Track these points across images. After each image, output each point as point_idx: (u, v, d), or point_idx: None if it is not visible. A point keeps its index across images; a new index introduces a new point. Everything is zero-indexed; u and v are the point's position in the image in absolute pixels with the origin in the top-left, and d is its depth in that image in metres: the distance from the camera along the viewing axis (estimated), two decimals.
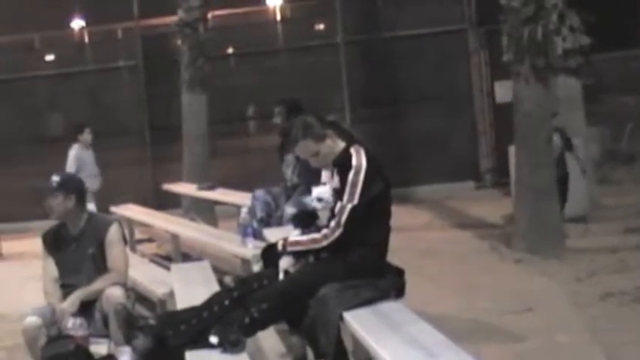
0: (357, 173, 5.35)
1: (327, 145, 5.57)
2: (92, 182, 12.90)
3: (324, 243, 5.40)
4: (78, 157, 13.22)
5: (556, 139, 11.53)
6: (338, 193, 5.43)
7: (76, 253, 6.58)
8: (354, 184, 5.34)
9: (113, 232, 6.61)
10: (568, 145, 11.88)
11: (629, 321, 7.59)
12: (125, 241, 6.81)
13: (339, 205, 5.39)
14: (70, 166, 13.08)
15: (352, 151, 5.46)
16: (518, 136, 11.08)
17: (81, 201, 6.63)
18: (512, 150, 11.90)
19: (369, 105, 17.10)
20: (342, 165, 5.46)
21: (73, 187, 6.62)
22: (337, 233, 5.35)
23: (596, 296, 8.41)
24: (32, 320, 6.33)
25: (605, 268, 9.51)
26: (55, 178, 6.58)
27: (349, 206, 5.33)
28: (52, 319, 6.29)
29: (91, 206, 12.38)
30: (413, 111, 17.27)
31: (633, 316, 7.74)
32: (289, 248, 5.52)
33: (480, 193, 16.37)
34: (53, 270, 6.63)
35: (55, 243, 6.67)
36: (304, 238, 5.55)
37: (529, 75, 10.65)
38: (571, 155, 11.85)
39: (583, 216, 12.13)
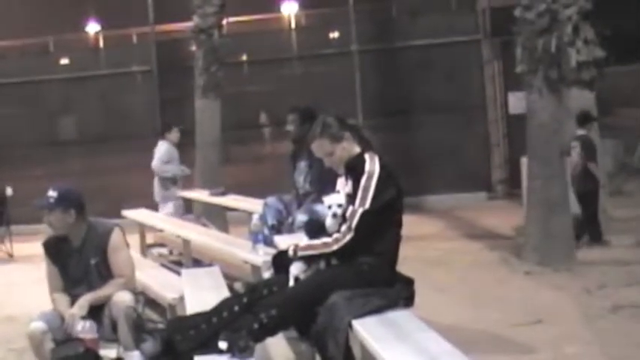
0: (369, 178, 5.36)
1: (342, 147, 5.58)
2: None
3: (335, 247, 5.40)
4: (169, 152, 13.41)
5: (576, 150, 11.51)
6: (351, 198, 5.44)
7: (79, 264, 6.55)
8: (365, 189, 5.35)
9: (115, 239, 6.58)
10: (589, 155, 11.71)
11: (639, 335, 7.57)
12: (127, 245, 6.79)
13: (350, 209, 5.40)
14: (161, 159, 13.34)
15: (366, 156, 5.47)
16: (531, 148, 11.07)
17: (81, 213, 6.55)
18: (524, 161, 11.89)
19: (382, 114, 17.09)
20: (355, 169, 5.47)
21: (72, 201, 6.53)
22: (348, 237, 5.35)
23: (607, 309, 8.40)
24: (37, 325, 6.34)
25: (616, 281, 9.49)
26: (53, 194, 6.49)
27: (360, 210, 5.34)
28: (58, 325, 6.30)
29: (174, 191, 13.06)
30: (426, 120, 17.27)
31: None
32: (300, 253, 5.52)
33: (492, 203, 16.36)
34: (58, 278, 6.62)
35: (57, 254, 6.63)
36: (316, 242, 5.55)
37: (542, 86, 10.65)
38: (591, 167, 11.71)
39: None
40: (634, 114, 18.15)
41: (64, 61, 19.04)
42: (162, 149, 13.59)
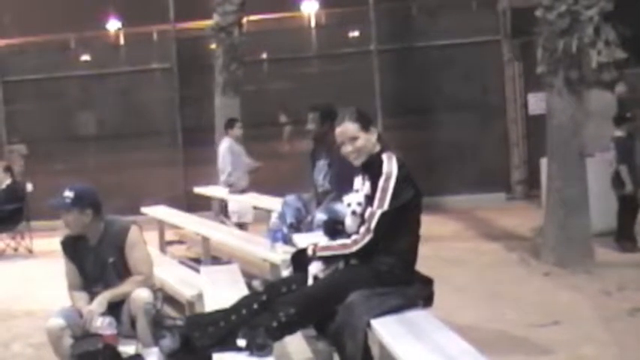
0: (387, 179, 5.36)
1: (367, 138, 5.55)
2: (239, 178, 13.09)
3: (354, 248, 5.40)
4: (231, 150, 13.20)
5: (612, 152, 11.50)
6: (369, 199, 5.44)
7: (97, 263, 6.57)
8: (384, 190, 5.35)
9: (132, 236, 6.59)
10: (621, 157, 11.65)
11: None
12: (145, 242, 6.81)
13: (369, 210, 5.40)
14: (223, 158, 13.13)
15: (384, 157, 5.46)
16: (551, 149, 11.05)
17: (97, 212, 6.56)
18: (544, 162, 11.88)
19: (402, 113, 17.09)
20: (372, 170, 5.47)
21: (88, 200, 6.52)
22: (367, 239, 5.36)
23: (624, 311, 8.39)
24: (56, 321, 6.35)
25: (634, 283, 9.47)
26: (69, 194, 6.48)
27: (379, 212, 5.34)
28: (76, 321, 6.33)
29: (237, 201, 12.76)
30: (445, 120, 17.26)
31: None
32: (319, 253, 5.53)
33: (511, 204, 16.34)
34: (76, 275, 6.64)
35: (74, 252, 6.65)
36: (334, 243, 5.56)
37: (563, 87, 10.64)
38: (623, 169, 11.62)
39: (613, 231, 12.06)
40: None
41: (85, 57, 19.09)
42: (224, 148, 13.32)
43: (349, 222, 5.59)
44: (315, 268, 5.54)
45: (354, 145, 5.55)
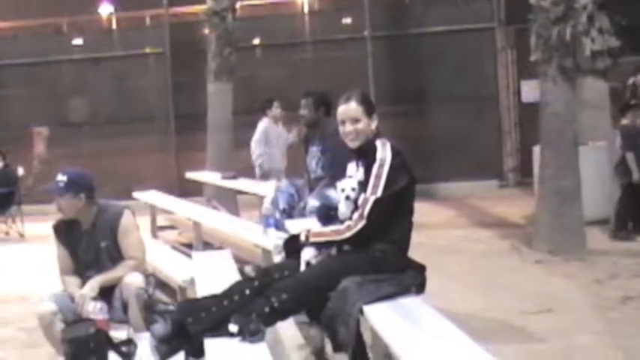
0: (381, 166, 5.34)
1: (367, 123, 5.53)
2: (275, 159, 12.86)
3: (347, 234, 5.38)
4: (266, 131, 12.94)
5: (618, 140, 11.52)
6: (362, 186, 5.42)
7: (90, 247, 6.57)
8: (377, 177, 5.33)
9: (125, 221, 6.59)
10: (627, 145, 11.66)
11: None
12: (137, 227, 6.79)
13: (362, 197, 5.38)
14: (258, 139, 12.89)
15: (378, 143, 5.44)
16: (544, 137, 11.05)
17: (91, 197, 6.56)
18: (536, 150, 11.88)
19: (395, 101, 17.06)
20: (366, 156, 5.45)
21: (82, 185, 6.54)
22: (360, 225, 5.34)
23: (617, 299, 8.40)
24: (48, 306, 6.36)
25: (627, 272, 9.49)
26: (62, 178, 6.50)
27: (372, 198, 5.32)
28: (68, 306, 6.32)
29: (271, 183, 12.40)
30: (438, 108, 17.26)
31: None
32: (312, 239, 5.51)
33: (503, 192, 16.35)
34: (68, 260, 6.63)
35: (67, 237, 6.65)
36: (327, 229, 5.54)
37: (556, 75, 10.63)
38: (630, 156, 11.63)
39: (606, 219, 12.08)
40: None
41: (77, 42, 19.03)
42: (260, 128, 12.95)
43: (342, 208, 5.56)
44: (307, 254, 5.52)
45: (355, 127, 5.53)
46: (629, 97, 14.00)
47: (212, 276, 6.88)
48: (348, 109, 5.57)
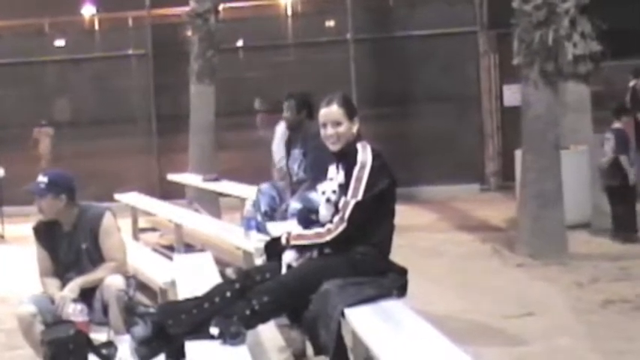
0: (362, 169, 5.34)
1: (349, 126, 5.52)
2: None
3: (328, 238, 5.38)
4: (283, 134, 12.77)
5: (609, 143, 11.54)
6: (343, 188, 5.42)
7: (70, 249, 6.55)
8: (358, 180, 5.33)
9: (106, 223, 6.57)
10: (621, 148, 11.68)
11: (630, 329, 7.59)
12: (119, 229, 6.78)
13: (343, 200, 5.38)
14: (277, 142, 12.73)
15: (359, 146, 5.44)
16: (525, 140, 11.07)
17: (72, 198, 6.54)
18: (518, 154, 11.90)
19: (377, 103, 17.05)
20: (347, 159, 5.45)
21: (63, 186, 6.51)
22: (341, 228, 5.34)
23: (598, 303, 8.42)
24: (27, 308, 6.33)
25: (607, 276, 9.51)
26: (43, 179, 6.48)
27: (353, 201, 5.32)
28: (48, 307, 6.29)
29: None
30: (421, 111, 17.27)
31: (634, 324, 7.75)
32: (293, 242, 5.51)
33: (485, 195, 16.36)
34: (48, 262, 6.61)
35: (47, 238, 6.63)
36: (308, 232, 5.54)
37: (538, 79, 10.64)
38: (624, 159, 11.66)
39: (587, 223, 12.12)
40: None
41: (59, 42, 18.94)
42: (279, 132, 12.84)
43: (323, 210, 5.57)
44: (288, 257, 5.52)
45: (336, 130, 5.52)
46: (629, 100, 14.11)
47: (193, 278, 6.86)
48: (330, 112, 5.56)
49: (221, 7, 15.00)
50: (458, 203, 15.26)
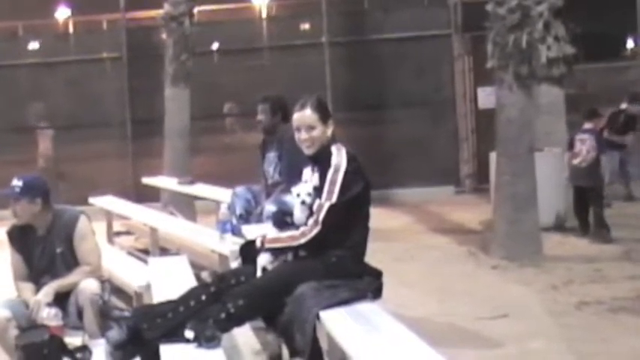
0: (336, 172, 5.34)
1: (323, 130, 5.52)
2: None
3: (302, 240, 5.38)
4: None
5: (587, 143, 11.63)
6: (318, 191, 5.42)
7: (45, 253, 6.53)
8: (332, 183, 5.33)
9: (81, 226, 6.56)
10: (601, 147, 11.83)
11: (604, 331, 7.62)
12: (93, 233, 6.75)
13: (317, 203, 5.39)
14: None
15: (333, 149, 5.45)
16: (500, 143, 11.11)
17: (46, 202, 6.52)
18: (493, 156, 11.93)
19: (352, 107, 17.04)
20: (321, 162, 5.45)
21: (38, 190, 6.50)
22: (315, 231, 5.34)
23: (572, 305, 8.45)
24: (1, 312, 6.30)
25: (582, 278, 9.55)
26: (18, 183, 6.45)
27: (327, 204, 5.32)
28: (22, 312, 6.27)
29: None
30: (395, 114, 17.28)
31: (608, 326, 7.78)
32: (268, 245, 5.51)
33: (460, 198, 16.39)
34: (22, 266, 6.58)
35: (21, 243, 6.60)
36: (283, 235, 5.54)
37: (512, 82, 10.67)
38: (603, 160, 11.84)
39: (561, 225, 12.18)
40: (602, 112, 18.27)
41: (33, 46, 18.84)
42: None
43: (298, 213, 5.57)
44: (263, 260, 5.52)
45: (310, 134, 5.52)
46: (621, 123, 14.27)
47: (168, 282, 6.84)
48: (303, 116, 5.56)
49: (196, 10, 14.98)
50: (433, 206, 15.28)
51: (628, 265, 10.13)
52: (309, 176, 5.63)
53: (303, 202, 5.51)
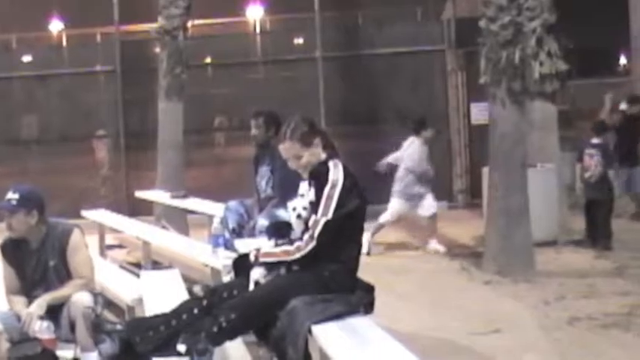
0: (333, 187, 5.35)
1: (311, 153, 5.54)
2: (421, 178, 13.01)
3: (297, 255, 5.39)
4: (421, 151, 12.93)
5: (595, 158, 11.70)
6: (313, 207, 5.42)
7: (38, 266, 6.50)
8: (329, 198, 5.34)
9: (74, 239, 6.53)
10: (608, 163, 11.99)
11: (596, 346, 7.61)
12: (86, 246, 6.74)
13: (313, 218, 5.39)
14: (420, 159, 12.81)
15: (330, 164, 5.46)
16: (492, 158, 11.12)
17: (42, 214, 6.50)
18: (486, 171, 11.95)
19: (346, 121, 17.07)
20: (318, 177, 5.46)
21: (34, 202, 6.47)
22: (310, 246, 5.34)
23: (564, 320, 8.45)
24: None
25: (574, 293, 9.54)
26: (14, 196, 6.40)
27: (323, 220, 5.33)
28: (14, 325, 6.24)
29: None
30: (389, 129, 17.28)
31: (600, 341, 7.77)
32: (262, 259, 5.51)
33: (453, 213, 16.38)
34: (15, 279, 6.56)
35: (14, 256, 6.56)
36: (277, 249, 5.54)
37: (505, 98, 10.69)
38: (612, 173, 12.01)
39: (553, 240, 12.18)
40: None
41: (27, 58, 18.86)
42: (417, 148, 13.06)
43: (294, 224, 5.58)
44: (256, 274, 5.53)
45: (299, 163, 5.55)
46: (617, 120, 14.26)
47: (160, 295, 6.85)
48: (286, 148, 5.60)
49: (190, 23, 14.98)
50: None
51: (620, 281, 10.14)
52: (306, 190, 5.64)
53: (298, 216, 5.52)
